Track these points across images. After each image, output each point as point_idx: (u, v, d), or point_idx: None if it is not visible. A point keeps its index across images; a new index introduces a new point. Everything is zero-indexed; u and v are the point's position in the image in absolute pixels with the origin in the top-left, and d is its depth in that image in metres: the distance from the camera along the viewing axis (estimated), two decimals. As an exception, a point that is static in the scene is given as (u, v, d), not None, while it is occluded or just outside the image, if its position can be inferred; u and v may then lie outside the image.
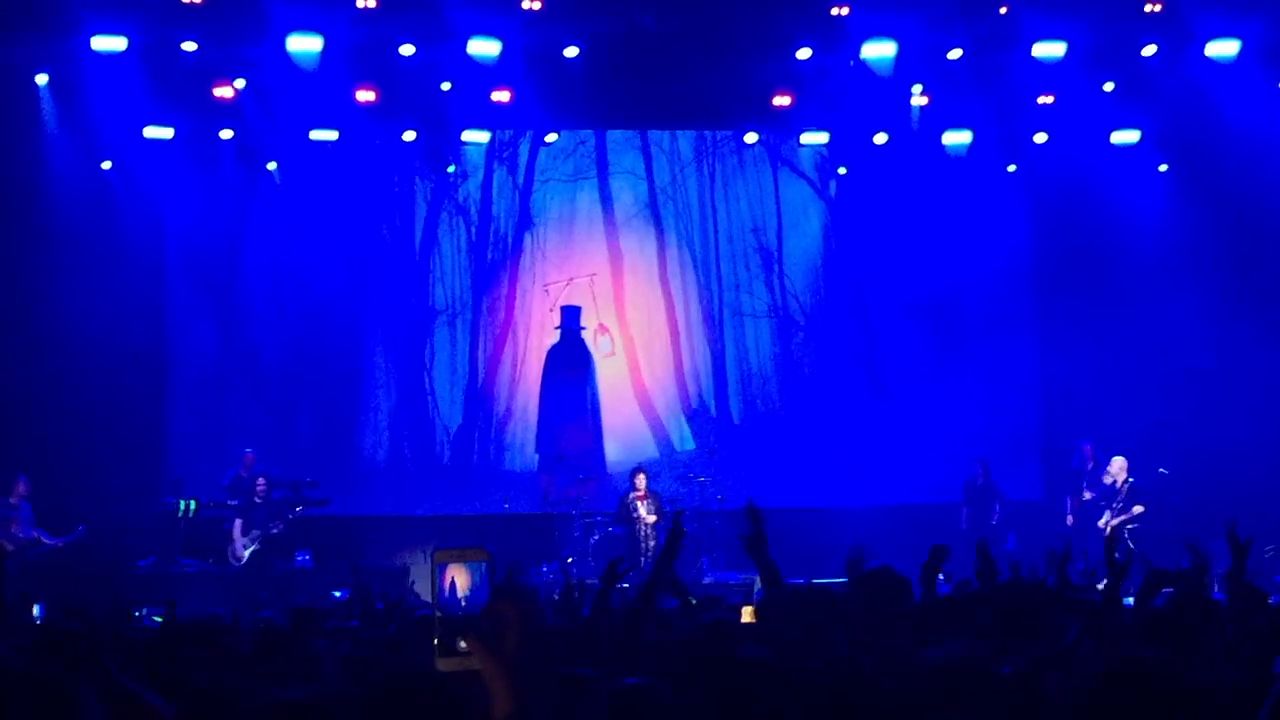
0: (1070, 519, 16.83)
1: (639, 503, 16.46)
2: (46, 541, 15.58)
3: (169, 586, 15.58)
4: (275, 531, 16.12)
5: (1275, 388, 16.85)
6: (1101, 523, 16.35)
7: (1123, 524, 16.12)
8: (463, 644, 2.24)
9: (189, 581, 15.95)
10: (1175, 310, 17.63)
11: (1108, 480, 16.56)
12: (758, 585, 13.38)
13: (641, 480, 16.64)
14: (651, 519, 16.32)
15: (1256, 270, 17.59)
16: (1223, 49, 16.56)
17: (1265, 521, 15.55)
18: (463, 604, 2.25)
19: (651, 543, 15.96)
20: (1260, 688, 4.18)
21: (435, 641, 2.24)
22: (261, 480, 16.40)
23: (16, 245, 16.68)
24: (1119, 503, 16.40)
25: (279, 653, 5.57)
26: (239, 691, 4.21)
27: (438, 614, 2.25)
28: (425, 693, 2.50)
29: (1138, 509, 16.29)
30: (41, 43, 16.03)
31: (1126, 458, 16.61)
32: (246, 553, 16.20)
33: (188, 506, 16.20)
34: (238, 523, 16.31)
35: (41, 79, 16.68)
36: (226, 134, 17.55)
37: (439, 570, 2.26)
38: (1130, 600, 6.25)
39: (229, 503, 16.49)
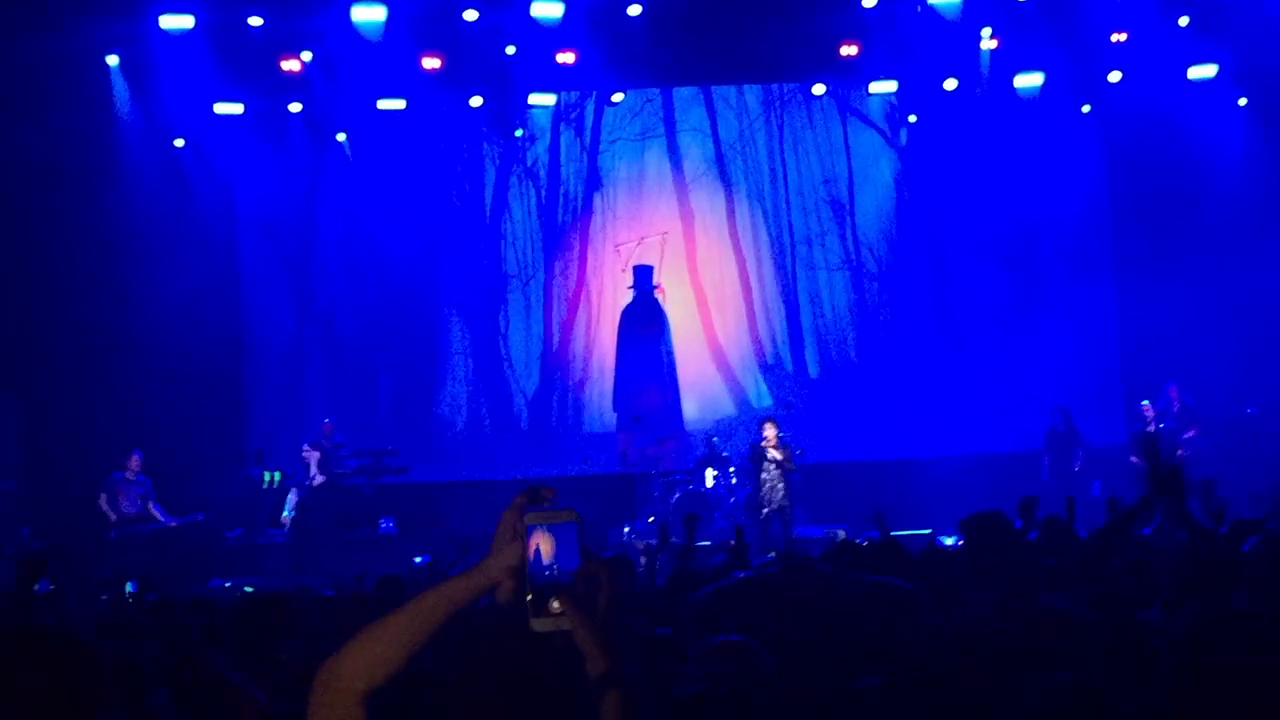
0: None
1: (770, 450, 15.63)
2: (160, 519, 15.78)
3: (256, 558, 15.87)
4: (311, 492, 16.11)
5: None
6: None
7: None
8: (555, 604, 2.26)
9: (277, 552, 16.17)
10: (1258, 248, 17.28)
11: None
12: (840, 537, 13.36)
13: (770, 430, 15.84)
14: (779, 470, 15.80)
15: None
16: (1300, -23, 16.14)
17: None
18: (551, 566, 2.27)
19: (780, 493, 15.53)
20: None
21: (529, 602, 2.27)
22: (307, 447, 16.47)
23: (94, 225, 16.88)
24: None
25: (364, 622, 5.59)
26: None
27: (529, 576, 2.27)
28: (521, 654, 2.51)
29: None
30: (111, 23, 16.20)
31: (1204, 398, 16.46)
32: (287, 519, 16.25)
33: (273, 478, 16.41)
34: (293, 490, 16.44)
35: (112, 60, 16.87)
36: (295, 107, 17.69)
37: (528, 533, 2.27)
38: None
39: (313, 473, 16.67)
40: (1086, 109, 18.38)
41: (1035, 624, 4.30)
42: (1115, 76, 17.77)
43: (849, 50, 17.44)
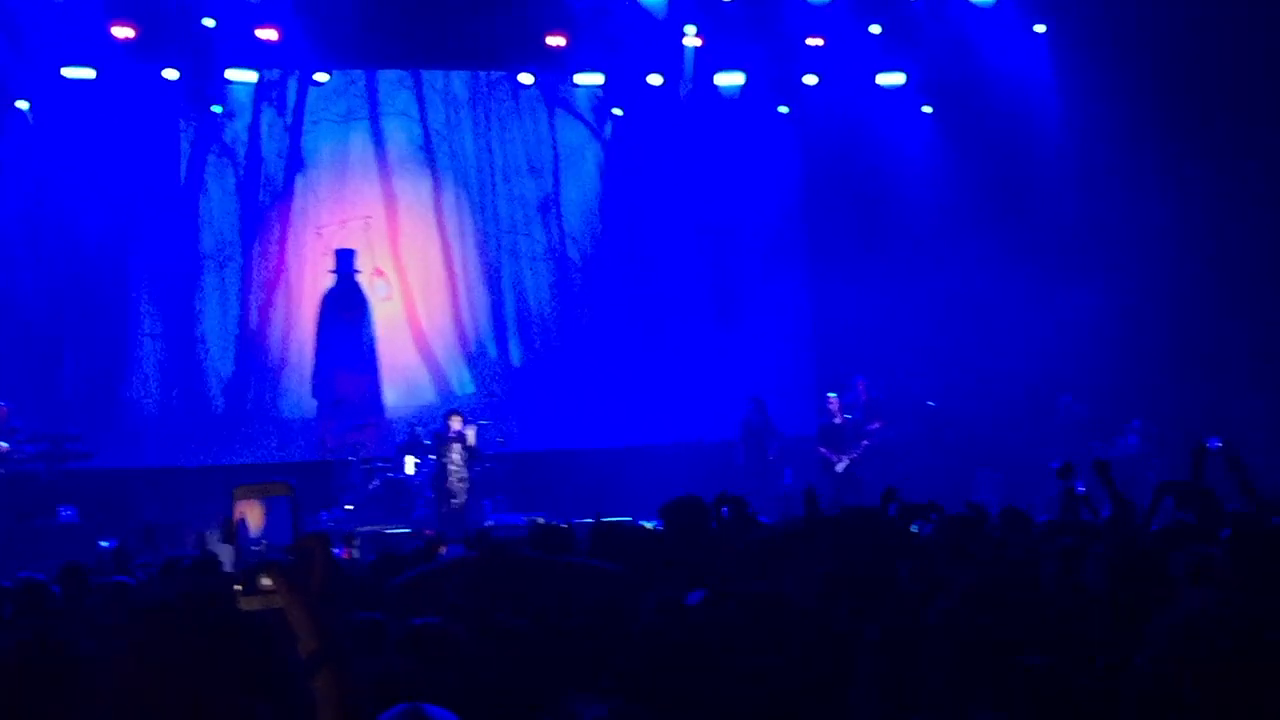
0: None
1: (453, 445, 15.77)
2: None
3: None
4: None
5: (1035, 322, 17.50)
6: (840, 468, 16.90)
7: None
8: (265, 581, 2.16)
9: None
10: (940, 248, 18.17)
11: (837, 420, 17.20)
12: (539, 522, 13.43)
13: (456, 421, 15.91)
14: (461, 461, 15.82)
15: (1015, 210, 18.21)
16: (983, -7, 17.06)
17: (1028, 453, 16.36)
18: (260, 541, 2.17)
19: (461, 484, 15.59)
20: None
21: (238, 579, 2.16)
22: None
23: None
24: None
25: (45, 612, 5.35)
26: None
27: (237, 552, 2.16)
28: (223, 636, 2.41)
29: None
30: None
31: (891, 391, 17.29)
32: None
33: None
34: None
35: None
36: (-28, 70, 16.62)
37: (234, 507, 2.17)
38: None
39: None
40: (784, 109, 18.96)
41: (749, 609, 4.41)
42: (811, 79, 18.40)
43: (556, 41, 17.53)
